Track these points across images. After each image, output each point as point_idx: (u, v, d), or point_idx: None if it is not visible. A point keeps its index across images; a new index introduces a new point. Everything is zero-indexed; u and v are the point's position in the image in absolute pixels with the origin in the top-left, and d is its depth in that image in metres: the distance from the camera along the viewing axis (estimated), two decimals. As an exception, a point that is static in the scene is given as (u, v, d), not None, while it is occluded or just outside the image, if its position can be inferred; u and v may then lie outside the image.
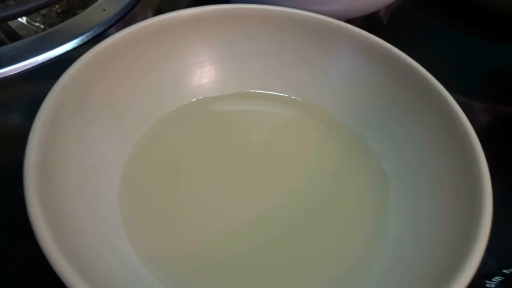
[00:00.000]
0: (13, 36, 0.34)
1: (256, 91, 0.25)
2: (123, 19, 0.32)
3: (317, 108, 0.25)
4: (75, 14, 0.33)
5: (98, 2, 0.32)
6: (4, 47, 0.28)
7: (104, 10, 0.31)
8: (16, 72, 0.27)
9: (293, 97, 0.25)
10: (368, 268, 0.18)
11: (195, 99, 0.24)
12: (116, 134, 0.20)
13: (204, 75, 0.24)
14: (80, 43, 0.29)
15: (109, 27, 0.30)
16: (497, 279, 0.18)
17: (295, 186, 0.22)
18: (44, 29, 0.37)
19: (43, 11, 0.36)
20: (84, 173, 0.18)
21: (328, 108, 0.25)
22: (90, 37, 0.29)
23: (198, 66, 0.24)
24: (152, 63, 0.23)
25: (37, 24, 0.37)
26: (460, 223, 0.16)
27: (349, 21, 0.30)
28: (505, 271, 0.19)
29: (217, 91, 0.24)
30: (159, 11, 0.34)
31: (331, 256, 0.19)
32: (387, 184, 0.21)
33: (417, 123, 0.22)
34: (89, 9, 0.31)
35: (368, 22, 0.35)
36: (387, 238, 0.19)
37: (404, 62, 0.22)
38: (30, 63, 0.27)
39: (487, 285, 0.18)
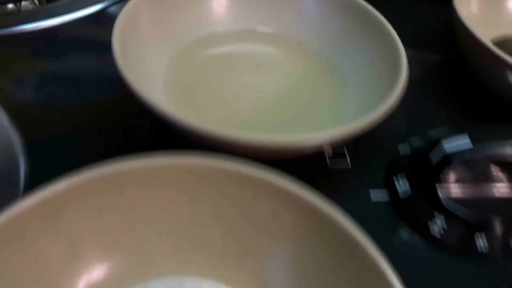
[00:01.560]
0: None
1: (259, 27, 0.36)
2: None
3: (299, 43, 0.35)
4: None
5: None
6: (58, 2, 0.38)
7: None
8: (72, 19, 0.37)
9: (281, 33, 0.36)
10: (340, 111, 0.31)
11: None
12: (163, 43, 0.31)
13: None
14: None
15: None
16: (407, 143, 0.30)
17: (285, 85, 0.33)
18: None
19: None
20: (142, 56, 0.29)
21: (305, 40, 0.35)
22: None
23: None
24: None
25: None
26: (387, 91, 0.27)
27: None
28: (411, 138, 0.31)
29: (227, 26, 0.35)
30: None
31: (316, 111, 0.31)
32: (347, 84, 0.32)
33: (368, 47, 0.32)
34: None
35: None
36: (348, 100, 0.31)
37: (359, 6, 0.33)
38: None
39: (398, 147, 0.30)
